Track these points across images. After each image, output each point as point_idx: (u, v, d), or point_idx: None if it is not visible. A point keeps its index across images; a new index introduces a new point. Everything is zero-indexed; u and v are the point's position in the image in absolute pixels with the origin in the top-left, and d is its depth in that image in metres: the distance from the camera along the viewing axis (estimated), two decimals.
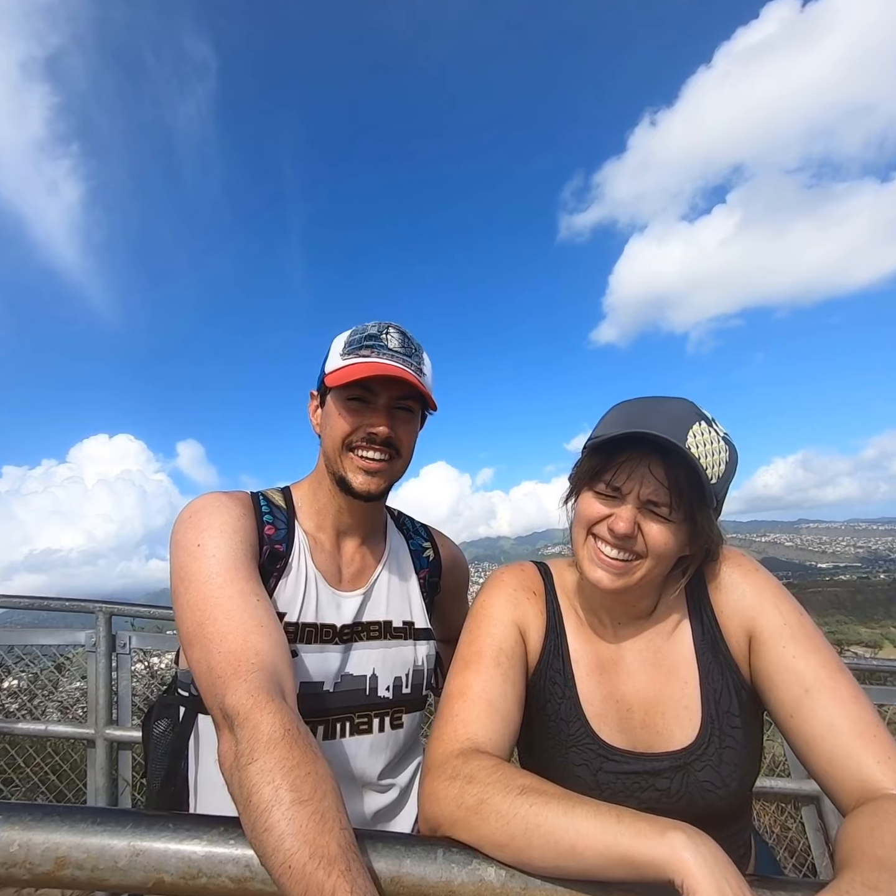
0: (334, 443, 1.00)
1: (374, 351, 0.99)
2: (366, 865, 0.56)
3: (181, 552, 0.87)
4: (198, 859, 0.58)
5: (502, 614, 0.91)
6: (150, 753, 0.98)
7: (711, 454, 0.80)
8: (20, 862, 0.57)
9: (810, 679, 0.77)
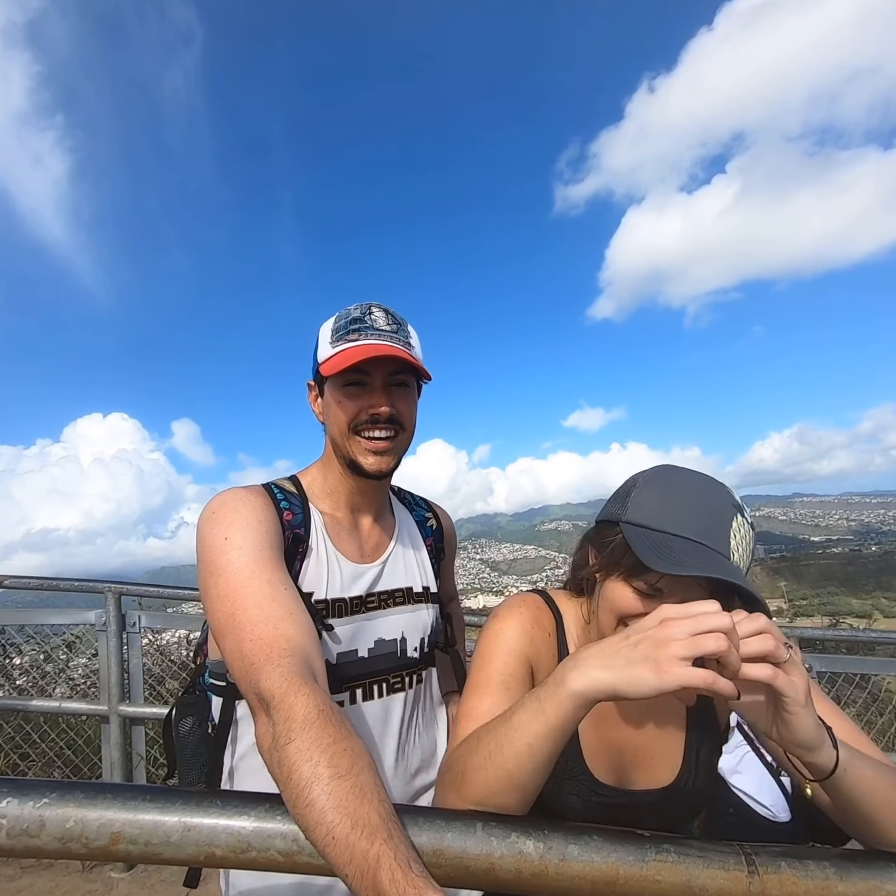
0: (340, 429, 1.04)
1: (362, 333, 1.01)
2: (406, 834, 0.58)
3: (209, 548, 0.89)
4: (247, 834, 0.60)
5: (518, 646, 0.90)
6: (180, 750, 1.02)
7: (747, 549, 0.79)
8: (76, 837, 0.59)
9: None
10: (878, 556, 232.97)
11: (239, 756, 0.98)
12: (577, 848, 0.62)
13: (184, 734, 1.02)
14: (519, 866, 0.61)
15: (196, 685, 1.07)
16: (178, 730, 1.02)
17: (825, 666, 2.99)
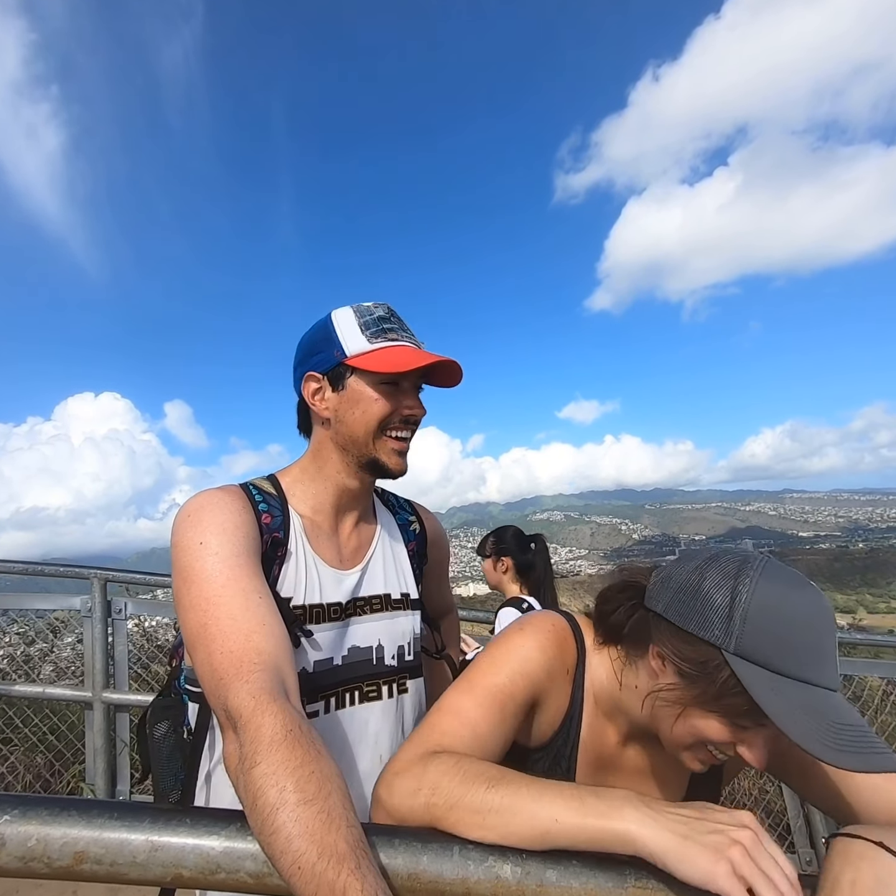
0: (368, 426, 1.00)
1: (396, 333, 1.01)
2: (375, 862, 0.56)
3: (183, 552, 0.85)
4: (216, 855, 0.58)
5: (533, 672, 0.85)
6: (154, 755, 0.98)
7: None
8: (38, 856, 0.57)
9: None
10: (865, 553, 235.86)
11: (215, 762, 0.95)
12: (555, 873, 0.61)
13: (158, 738, 0.98)
14: (495, 891, 0.59)
15: (171, 688, 1.03)
16: (152, 734, 0.99)
17: None
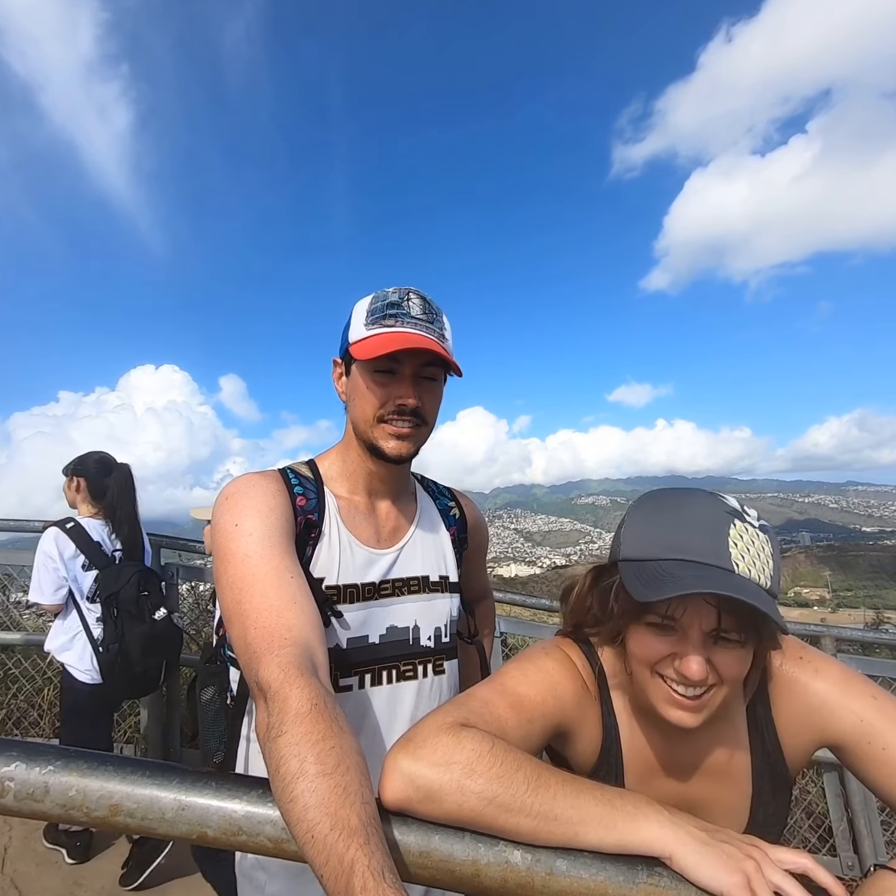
0: (365, 416, 1.02)
1: (398, 320, 0.99)
2: (385, 840, 0.57)
3: (220, 534, 0.90)
4: (238, 818, 0.61)
5: (564, 698, 0.84)
6: (201, 718, 1.05)
7: (758, 556, 0.72)
8: (78, 805, 0.62)
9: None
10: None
11: (254, 727, 1.00)
12: (565, 863, 0.61)
13: (205, 703, 1.05)
14: (505, 875, 0.60)
15: (217, 655, 1.09)
16: (199, 698, 1.06)
17: (862, 668, 2.88)
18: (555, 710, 0.82)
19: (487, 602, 1.49)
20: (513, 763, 0.65)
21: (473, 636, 1.27)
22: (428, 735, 0.68)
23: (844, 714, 0.79)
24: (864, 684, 0.82)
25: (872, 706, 0.78)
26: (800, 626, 3.10)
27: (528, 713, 0.79)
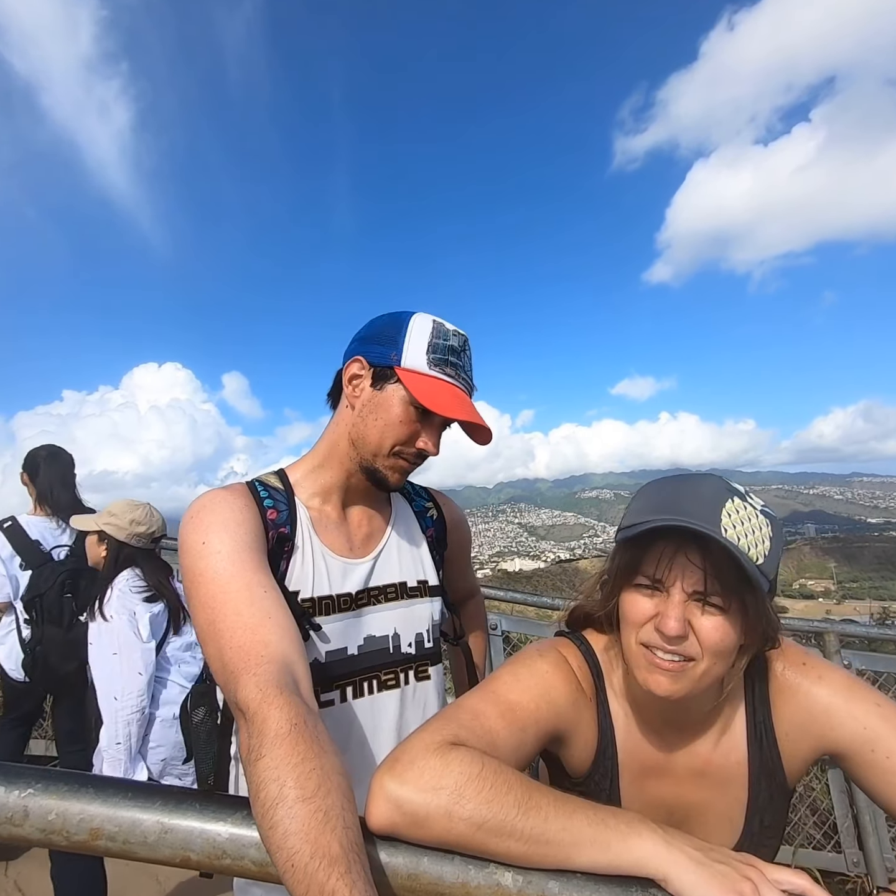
0: (382, 441, 1.00)
1: (458, 374, 1.00)
2: (368, 868, 0.56)
3: (187, 553, 0.87)
4: (222, 841, 0.60)
5: (558, 702, 0.83)
6: (194, 740, 1.04)
7: (752, 531, 0.72)
8: (58, 830, 0.60)
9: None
10: None
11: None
12: (557, 885, 0.59)
13: (196, 724, 1.04)
14: None
15: (207, 675, 1.08)
16: (191, 719, 1.05)
17: (866, 664, 2.86)
18: (549, 715, 0.81)
19: (476, 600, 1.48)
20: (503, 786, 0.63)
21: (459, 637, 1.26)
22: (415, 756, 0.66)
23: (848, 721, 0.78)
24: (867, 691, 0.81)
25: (876, 713, 0.77)
26: (803, 622, 3.07)
27: (521, 722, 0.77)
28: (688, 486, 0.77)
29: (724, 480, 0.78)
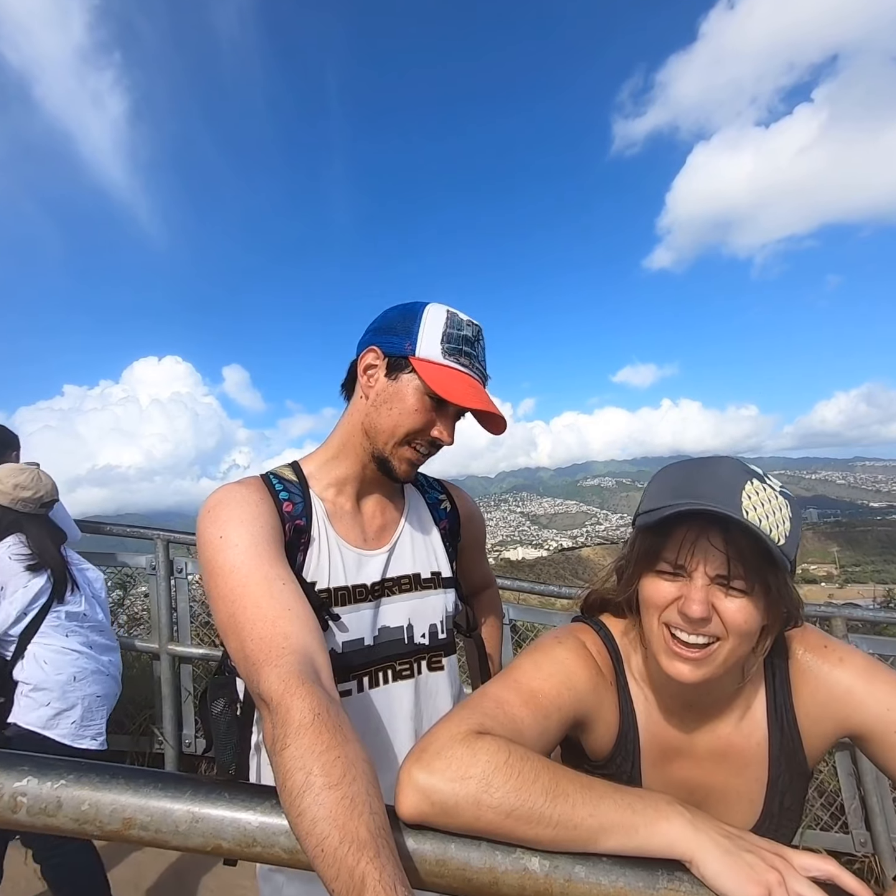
0: (395, 430, 1.00)
1: (472, 363, 1.01)
2: (396, 852, 0.56)
3: (206, 547, 0.88)
4: (252, 830, 0.61)
5: (579, 688, 0.83)
6: (214, 731, 1.05)
7: (773, 513, 0.73)
8: (91, 819, 0.61)
9: None
10: None
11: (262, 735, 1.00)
12: (584, 869, 0.60)
13: (216, 715, 1.05)
14: (523, 883, 0.60)
15: (225, 666, 1.09)
16: (210, 710, 1.06)
17: (874, 648, 2.87)
18: (571, 701, 0.82)
19: (490, 591, 1.48)
20: (530, 773, 0.64)
21: (472, 629, 1.26)
22: (442, 746, 0.66)
23: (871, 703, 0.79)
24: (889, 674, 0.81)
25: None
26: (810, 607, 3.08)
27: (544, 709, 0.78)
28: (706, 469, 0.77)
29: (742, 462, 0.78)
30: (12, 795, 0.61)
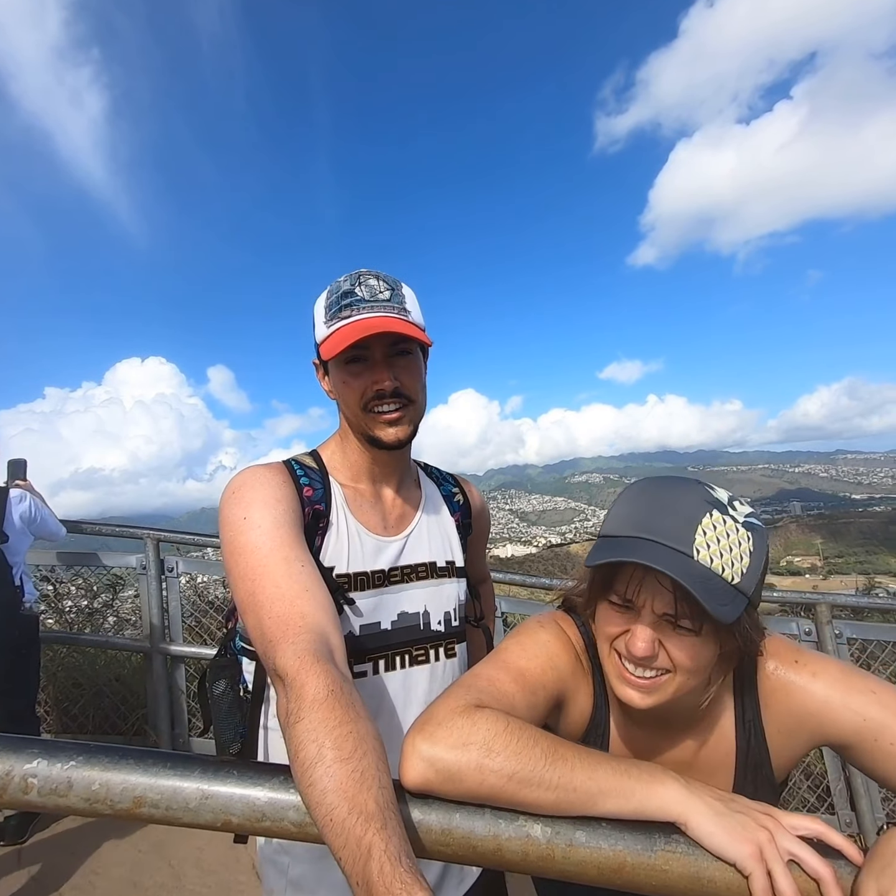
0: (352, 409, 1.03)
1: (353, 308, 0.98)
2: (401, 824, 0.58)
3: (229, 527, 0.91)
4: (261, 805, 0.62)
5: (561, 668, 0.86)
6: (214, 711, 1.06)
7: (729, 549, 0.71)
8: (102, 798, 0.62)
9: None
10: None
11: (271, 717, 1.03)
12: (584, 834, 0.63)
13: (217, 696, 1.07)
14: (526, 849, 0.62)
15: (227, 649, 1.11)
16: (212, 691, 1.07)
17: (857, 633, 2.94)
18: (555, 679, 0.85)
19: (487, 584, 1.52)
20: (529, 739, 0.67)
21: (480, 619, 1.29)
22: (443, 718, 0.70)
23: (847, 715, 0.77)
24: (862, 680, 0.80)
25: (875, 702, 0.76)
26: (795, 593, 3.15)
27: (532, 685, 0.82)
28: (667, 499, 0.76)
29: (707, 490, 0.77)
30: (23, 777, 0.62)
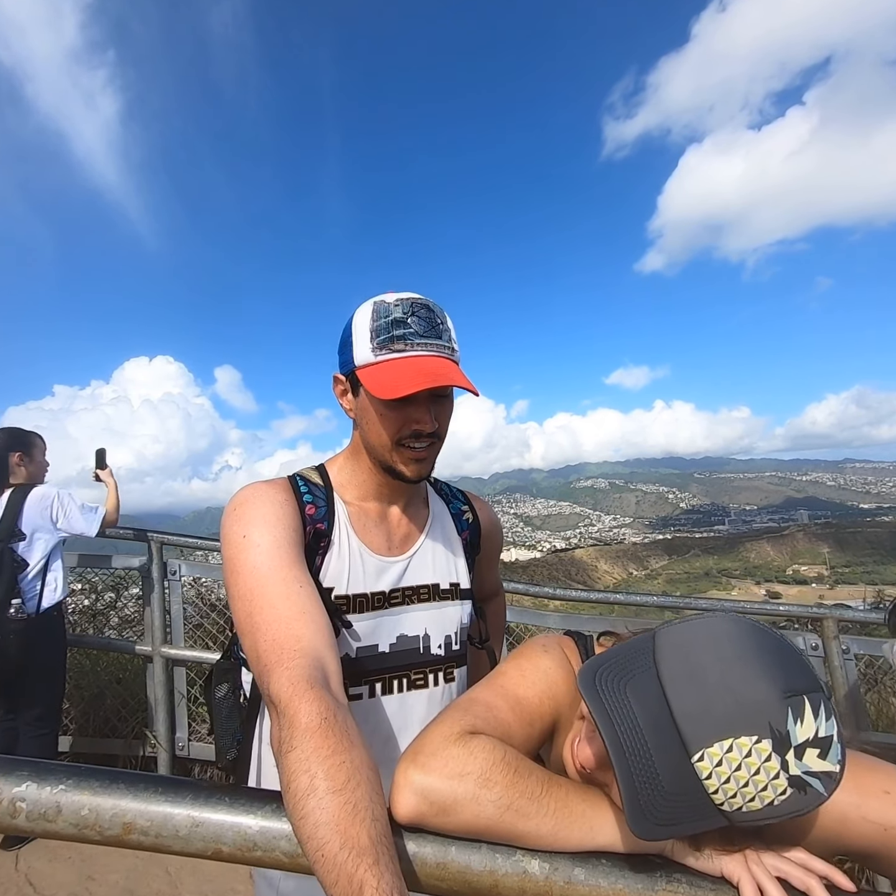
0: (381, 441, 0.98)
1: (407, 343, 0.92)
2: (395, 859, 0.57)
3: (229, 545, 0.89)
4: (253, 834, 0.61)
5: (558, 697, 0.83)
6: (216, 714, 1.05)
7: (744, 784, 0.56)
8: (91, 824, 0.61)
9: None
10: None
11: (267, 726, 1.00)
12: (583, 871, 0.61)
13: (219, 699, 1.06)
14: (523, 885, 0.60)
15: (231, 652, 1.10)
16: (214, 694, 1.06)
17: (864, 648, 2.89)
18: (552, 710, 0.82)
19: (498, 599, 1.48)
20: (525, 770, 0.66)
21: (484, 641, 1.26)
22: (437, 747, 0.67)
23: (866, 827, 0.68)
24: (874, 782, 0.69)
25: (891, 804, 0.68)
26: (801, 607, 3.10)
27: (529, 716, 0.79)
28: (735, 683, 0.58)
29: (788, 706, 0.56)
30: (11, 801, 0.61)
